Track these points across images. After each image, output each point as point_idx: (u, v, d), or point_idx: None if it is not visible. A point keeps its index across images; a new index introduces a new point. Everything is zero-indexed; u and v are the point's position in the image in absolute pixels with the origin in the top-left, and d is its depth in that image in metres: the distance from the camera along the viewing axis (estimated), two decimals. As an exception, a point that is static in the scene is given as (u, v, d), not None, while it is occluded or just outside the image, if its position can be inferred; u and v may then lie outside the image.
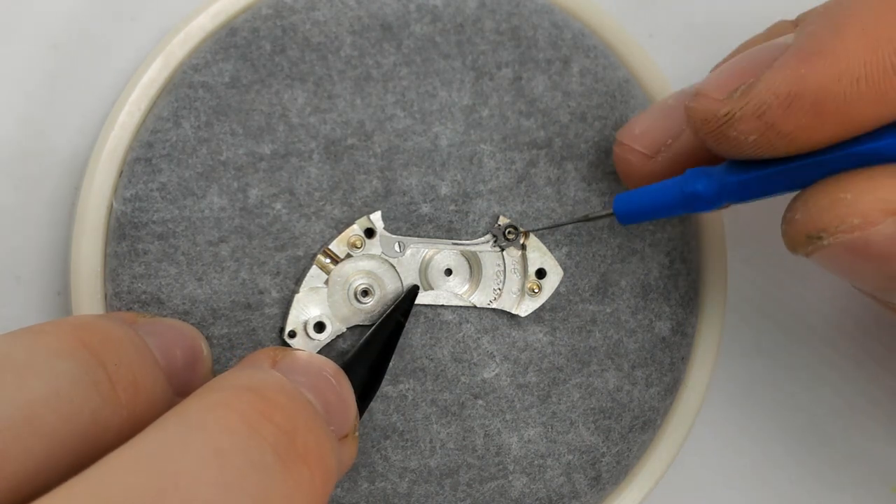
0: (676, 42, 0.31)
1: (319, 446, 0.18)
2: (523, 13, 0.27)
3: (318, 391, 0.20)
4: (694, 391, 0.28)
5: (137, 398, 0.20)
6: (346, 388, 0.21)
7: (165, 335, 0.23)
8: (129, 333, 0.21)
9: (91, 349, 0.19)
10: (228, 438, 0.17)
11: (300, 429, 0.18)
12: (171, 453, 0.16)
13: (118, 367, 0.19)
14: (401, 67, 0.27)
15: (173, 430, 0.17)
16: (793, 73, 0.20)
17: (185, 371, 0.23)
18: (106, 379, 0.19)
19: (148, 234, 0.25)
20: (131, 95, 0.26)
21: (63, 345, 0.19)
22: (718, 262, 0.29)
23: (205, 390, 0.19)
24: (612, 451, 0.27)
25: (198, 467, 0.16)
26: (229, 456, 0.17)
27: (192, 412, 0.18)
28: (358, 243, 0.26)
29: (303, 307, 0.25)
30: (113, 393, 0.19)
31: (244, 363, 0.22)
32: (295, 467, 0.17)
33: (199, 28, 0.27)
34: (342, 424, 0.21)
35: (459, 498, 0.26)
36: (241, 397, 0.18)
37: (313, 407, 0.20)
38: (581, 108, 0.27)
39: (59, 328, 0.19)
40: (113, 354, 0.20)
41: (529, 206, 0.27)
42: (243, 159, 0.26)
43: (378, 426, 0.26)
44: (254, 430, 0.17)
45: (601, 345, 0.27)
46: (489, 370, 0.26)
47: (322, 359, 0.22)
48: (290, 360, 0.21)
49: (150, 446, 0.17)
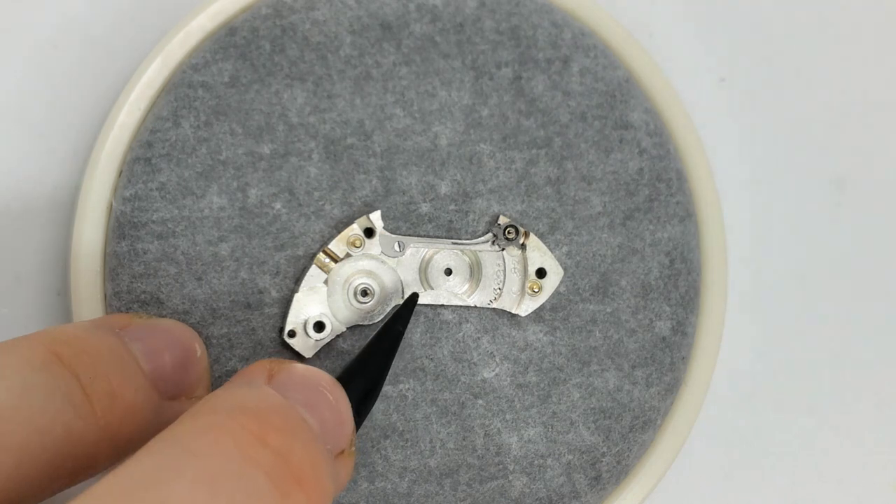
0: (677, 42, 0.31)
1: (315, 468, 0.18)
2: (523, 13, 0.27)
3: (314, 408, 0.20)
4: (694, 391, 0.28)
5: (114, 409, 0.19)
6: (342, 402, 0.21)
7: (153, 339, 0.22)
8: (109, 342, 0.21)
9: (65, 361, 0.19)
10: (221, 464, 0.17)
11: (295, 450, 0.18)
12: (163, 480, 0.16)
13: (93, 378, 0.19)
14: (400, 67, 0.27)
15: (166, 456, 0.17)
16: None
17: (174, 374, 0.22)
18: (79, 391, 0.19)
19: (147, 233, 0.25)
20: (131, 95, 0.26)
21: (35, 358, 0.19)
22: (718, 262, 0.29)
23: (197, 412, 0.18)
24: (613, 451, 0.27)
25: (189, 494, 0.16)
26: (222, 483, 0.16)
27: (184, 436, 0.17)
28: (357, 243, 0.26)
29: (302, 307, 0.25)
30: (87, 405, 0.19)
31: (239, 378, 0.21)
32: (290, 492, 0.17)
33: (199, 28, 0.27)
34: (338, 441, 0.20)
35: (459, 498, 0.26)
36: (234, 419, 0.18)
37: (308, 426, 0.19)
38: (581, 107, 0.27)
39: (32, 341, 0.19)
40: (88, 366, 0.19)
41: (529, 205, 0.27)
42: (243, 159, 0.26)
43: (378, 426, 0.26)
44: (247, 455, 0.17)
45: (601, 345, 0.27)
46: (489, 370, 0.26)
47: (318, 372, 0.21)
48: (286, 374, 0.21)
49: (140, 472, 0.16)
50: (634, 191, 0.28)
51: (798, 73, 0.32)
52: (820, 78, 0.32)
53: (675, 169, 0.28)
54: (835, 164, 0.32)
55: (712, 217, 0.29)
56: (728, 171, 0.31)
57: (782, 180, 0.32)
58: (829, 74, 0.32)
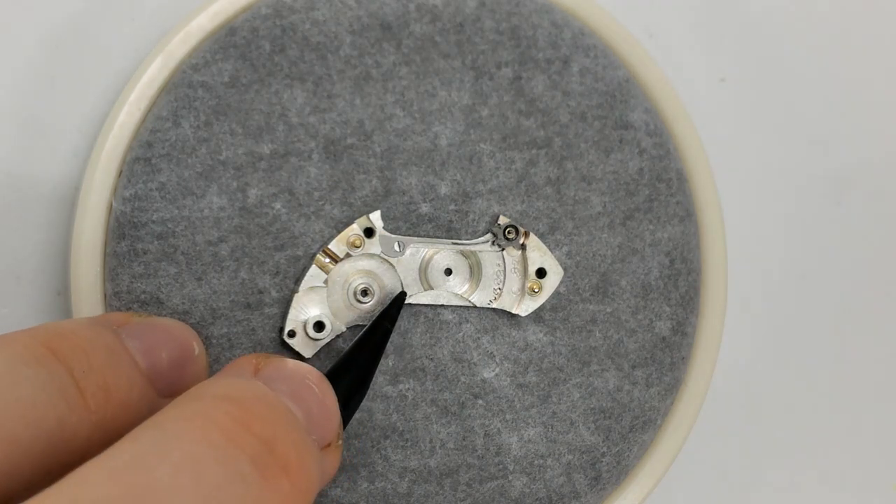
0: (676, 42, 0.31)
1: (299, 456, 0.18)
2: (523, 13, 0.27)
3: (300, 399, 0.20)
4: (694, 391, 0.28)
5: (108, 404, 0.19)
6: (329, 395, 0.21)
7: (150, 337, 0.22)
8: (105, 338, 0.21)
9: (59, 355, 0.19)
10: (205, 450, 0.17)
11: (280, 438, 0.18)
12: (147, 465, 0.16)
13: (87, 372, 0.19)
14: (400, 67, 0.27)
15: (149, 441, 0.17)
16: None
17: (171, 372, 0.22)
18: (72, 385, 0.19)
19: (147, 233, 0.25)
20: (131, 95, 0.26)
21: (29, 352, 0.19)
22: (718, 262, 0.29)
23: (183, 399, 0.18)
24: (612, 451, 0.27)
25: (174, 479, 0.16)
26: (206, 468, 0.16)
27: (168, 422, 0.17)
28: (357, 243, 0.26)
29: (302, 307, 0.25)
30: (81, 399, 0.19)
31: (226, 371, 0.21)
32: (274, 478, 0.17)
33: (199, 28, 0.27)
34: (325, 433, 0.20)
35: (459, 498, 0.26)
36: (218, 407, 0.18)
37: (293, 416, 0.19)
38: (581, 107, 0.27)
39: (27, 336, 0.19)
40: (82, 360, 0.19)
41: (529, 205, 0.27)
42: (243, 159, 0.26)
43: (378, 426, 0.26)
44: (231, 441, 0.17)
45: (601, 345, 0.27)
46: (489, 370, 0.26)
47: (305, 366, 0.21)
48: (272, 367, 0.21)
49: (125, 457, 0.16)
50: (634, 191, 0.28)
51: (798, 73, 0.32)
52: (820, 78, 0.32)
53: (675, 169, 0.28)
54: (835, 164, 0.32)
55: (712, 217, 0.29)
56: (728, 171, 0.31)
57: (782, 180, 0.32)
58: (829, 74, 0.32)
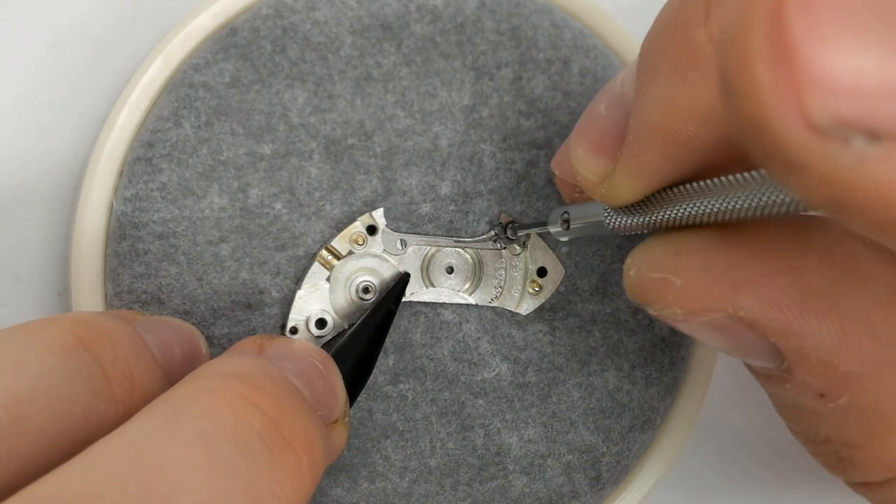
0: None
1: (306, 432, 0.18)
2: (523, 13, 0.27)
3: (305, 377, 0.20)
4: (694, 391, 0.28)
5: (134, 394, 0.20)
6: (334, 373, 0.21)
7: (164, 333, 0.23)
8: (127, 330, 0.21)
9: (86, 345, 0.19)
10: (215, 425, 0.17)
11: (287, 415, 0.18)
12: (158, 440, 0.16)
13: (114, 362, 0.19)
14: (401, 67, 0.27)
15: (160, 417, 0.17)
16: None
17: (183, 368, 0.22)
18: (101, 374, 0.19)
19: (148, 233, 0.25)
20: (131, 95, 0.26)
21: (57, 341, 0.19)
22: (718, 262, 0.29)
23: (191, 378, 0.19)
24: (612, 451, 0.27)
25: (184, 453, 0.16)
26: (216, 442, 0.17)
27: (178, 400, 0.18)
28: (360, 240, 0.26)
29: (304, 304, 0.25)
30: (108, 388, 0.19)
31: (232, 350, 0.22)
32: (282, 453, 0.18)
33: (200, 28, 0.27)
34: (330, 410, 0.21)
35: (459, 498, 0.26)
36: (227, 384, 0.18)
37: (300, 393, 0.20)
38: (581, 108, 0.27)
39: (54, 324, 0.19)
40: (109, 350, 0.20)
41: (529, 206, 0.27)
42: (243, 159, 0.26)
43: (378, 426, 0.26)
44: (240, 417, 0.17)
45: (601, 344, 0.27)
46: (489, 370, 0.26)
47: (309, 345, 0.22)
48: (277, 346, 0.21)
49: (136, 433, 0.17)
50: (634, 191, 0.28)
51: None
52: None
53: (674, 169, 0.28)
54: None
55: (711, 217, 0.29)
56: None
57: (780, 181, 0.32)
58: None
